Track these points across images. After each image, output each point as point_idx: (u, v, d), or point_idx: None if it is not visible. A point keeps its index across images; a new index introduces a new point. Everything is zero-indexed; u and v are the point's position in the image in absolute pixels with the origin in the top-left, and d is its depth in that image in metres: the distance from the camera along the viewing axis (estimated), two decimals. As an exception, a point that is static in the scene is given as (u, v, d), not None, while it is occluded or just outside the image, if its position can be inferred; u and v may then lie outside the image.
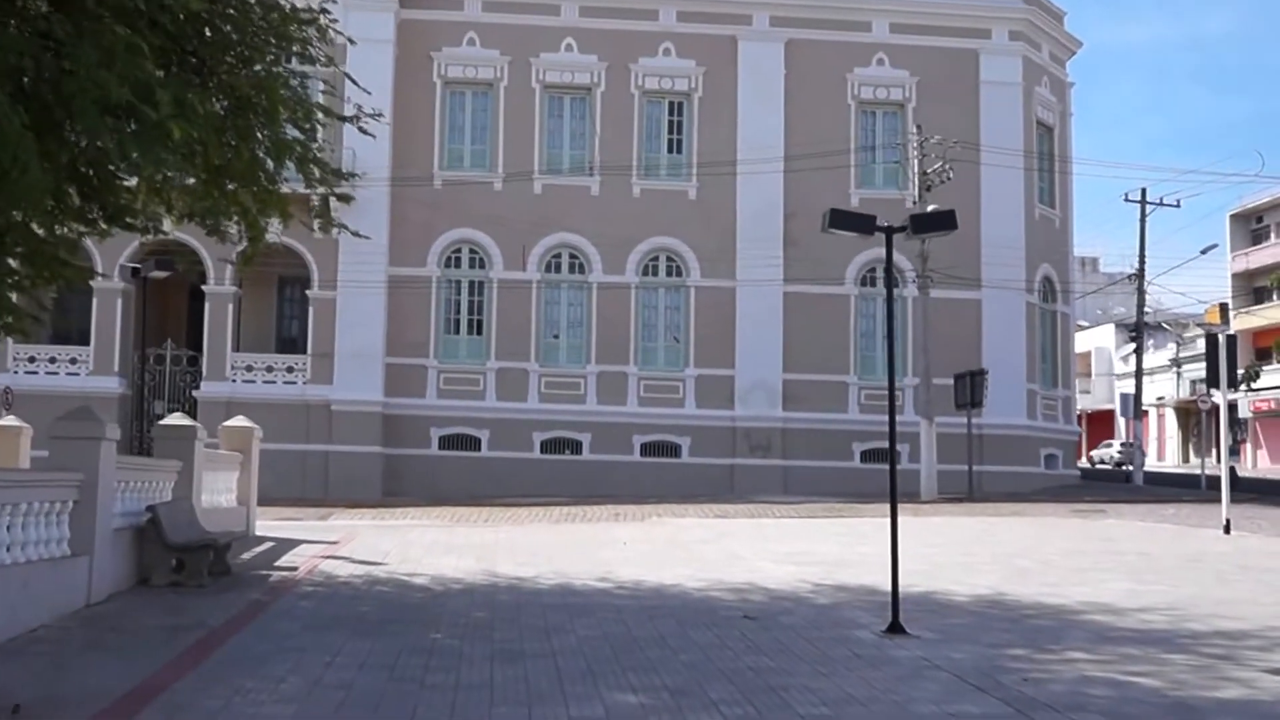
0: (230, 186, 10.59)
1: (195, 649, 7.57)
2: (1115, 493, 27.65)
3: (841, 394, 27.68)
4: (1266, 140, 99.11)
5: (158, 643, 7.79)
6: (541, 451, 26.96)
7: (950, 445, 25.59)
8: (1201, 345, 55.93)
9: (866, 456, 27.40)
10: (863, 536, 16.32)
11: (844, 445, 27.37)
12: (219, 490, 13.80)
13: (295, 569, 11.73)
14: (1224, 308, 58.30)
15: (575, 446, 27.07)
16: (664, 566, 12.42)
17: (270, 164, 10.15)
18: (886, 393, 27.66)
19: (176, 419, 12.57)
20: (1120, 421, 58.86)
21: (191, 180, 10.24)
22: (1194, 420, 55.68)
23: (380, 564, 12.31)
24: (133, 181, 10.67)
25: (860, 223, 8.81)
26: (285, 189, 11.95)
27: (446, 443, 26.93)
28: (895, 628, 8.38)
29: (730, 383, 27.37)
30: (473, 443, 26.95)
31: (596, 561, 12.85)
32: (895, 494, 9.14)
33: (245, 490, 14.80)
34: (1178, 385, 56.41)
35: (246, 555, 12.81)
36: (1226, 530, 16.62)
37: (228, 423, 15.68)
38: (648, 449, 27.15)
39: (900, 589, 10.41)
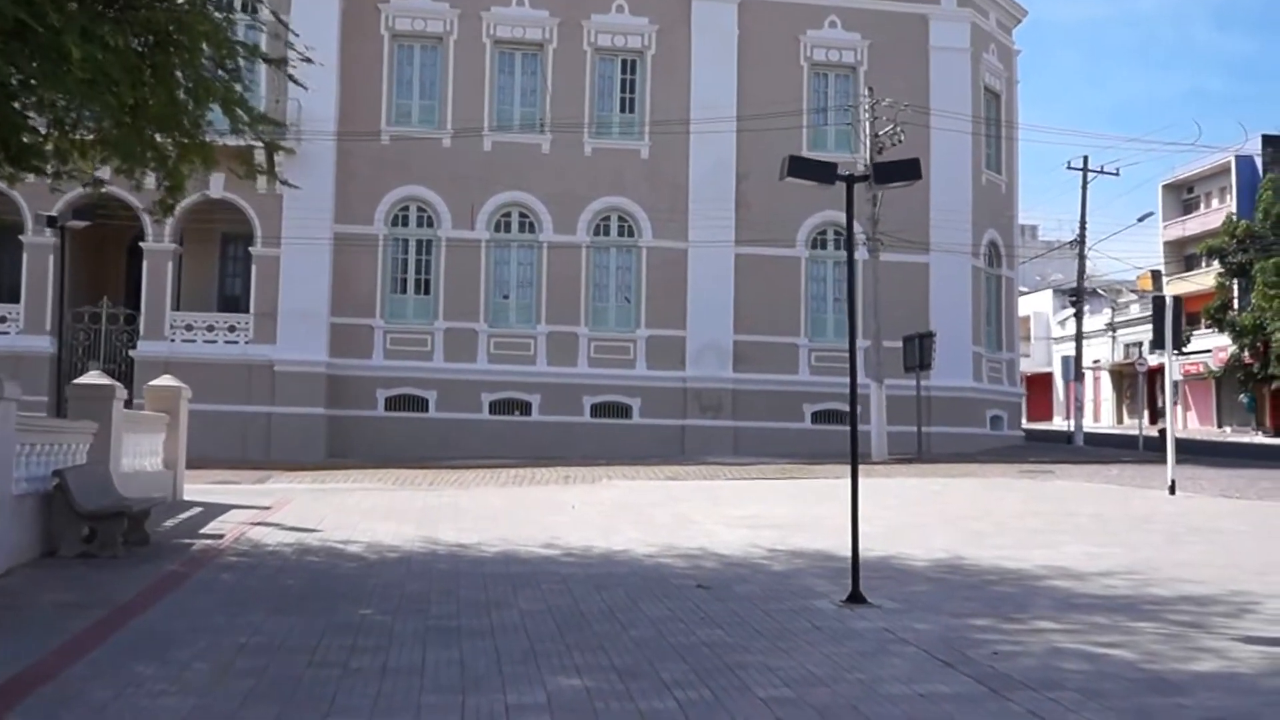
0: (150, 131, 9.85)
1: (94, 629, 6.97)
2: (1058, 453, 27.87)
3: (792, 356, 27.45)
4: (1198, 116, 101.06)
5: (53, 622, 7.17)
6: (490, 413, 26.41)
7: (898, 407, 25.54)
8: (1135, 310, 57.33)
9: (817, 417, 27.31)
10: (817, 498, 16.10)
11: (795, 406, 27.19)
12: (142, 454, 13.11)
13: (221, 537, 11.12)
14: (1156, 274, 59.46)
15: (525, 408, 26.56)
16: (613, 531, 12.03)
17: (191, 106, 9.40)
18: (837, 354, 27.83)
19: (92, 377, 11.81)
20: (1059, 384, 59.78)
21: (105, 123, 9.48)
22: (1128, 383, 56.76)
23: (313, 531, 11.74)
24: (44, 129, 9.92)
25: (820, 171, 8.35)
26: (225, 141, 11.23)
27: (393, 404, 26.26)
28: (856, 597, 8.06)
29: (681, 344, 26.99)
30: (420, 404, 26.31)
31: (543, 527, 12.40)
32: (856, 458, 8.80)
33: (172, 453, 14.11)
34: (1112, 349, 57.36)
35: (170, 523, 12.16)
36: (1172, 491, 16.65)
37: (154, 382, 14.93)
38: (598, 410, 26.72)
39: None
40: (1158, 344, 17.11)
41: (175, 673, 5.96)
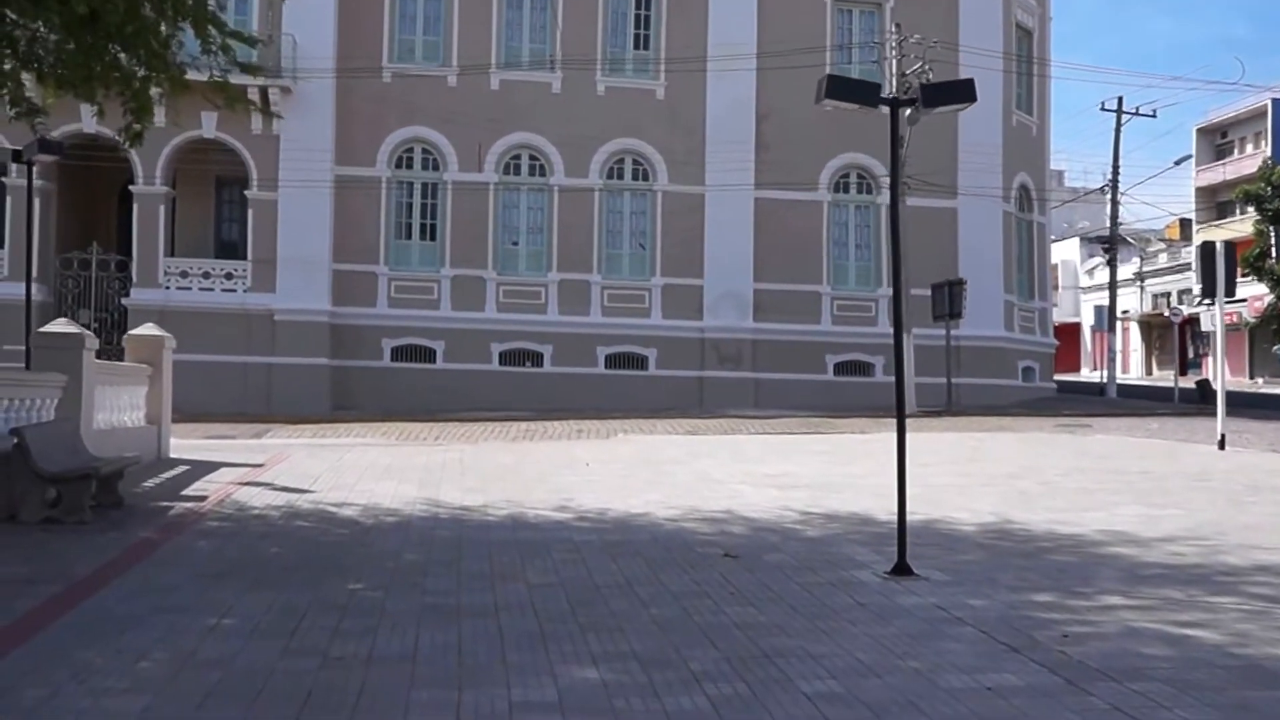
0: (113, 49, 8.87)
1: (42, 609, 6.14)
2: (1092, 406, 26.93)
3: (814, 304, 26.48)
4: (1226, 62, 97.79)
5: None
6: (500, 364, 25.57)
7: (926, 358, 24.61)
8: (1164, 260, 55.84)
9: (840, 369, 26.43)
10: (847, 455, 15.28)
11: (817, 357, 26.29)
12: (122, 408, 12.29)
13: (204, 499, 10.27)
14: (1185, 223, 57.76)
15: (536, 359, 25.71)
16: (631, 492, 11.17)
17: (155, 20, 8.41)
18: (860, 303, 26.81)
19: (59, 325, 10.85)
20: (1086, 334, 58.56)
21: (56, 38, 8.49)
22: (1157, 333, 55.54)
23: (306, 492, 10.89)
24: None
25: (862, 92, 7.38)
26: (201, 73, 10.26)
27: (399, 354, 25.44)
28: (901, 568, 7.20)
29: (699, 292, 26.02)
30: (427, 354, 25.49)
31: (555, 487, 11.54)
32: (903, 414, 7.84)
33: (156, 407, 13.27)
34: (1141, 299, 56.05)
35: (150, 483, 11.35)
36: (1221, 446, 15.75)
37: (134, 330, 14.04)
38: (612, 361, 25.84)
39: (896, 516, 9.36)
40: (1208, 293, 16.05)
41: (128, 664, 5.14)
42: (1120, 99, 34.00)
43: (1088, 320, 57.30)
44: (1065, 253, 61.98)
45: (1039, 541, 8.51)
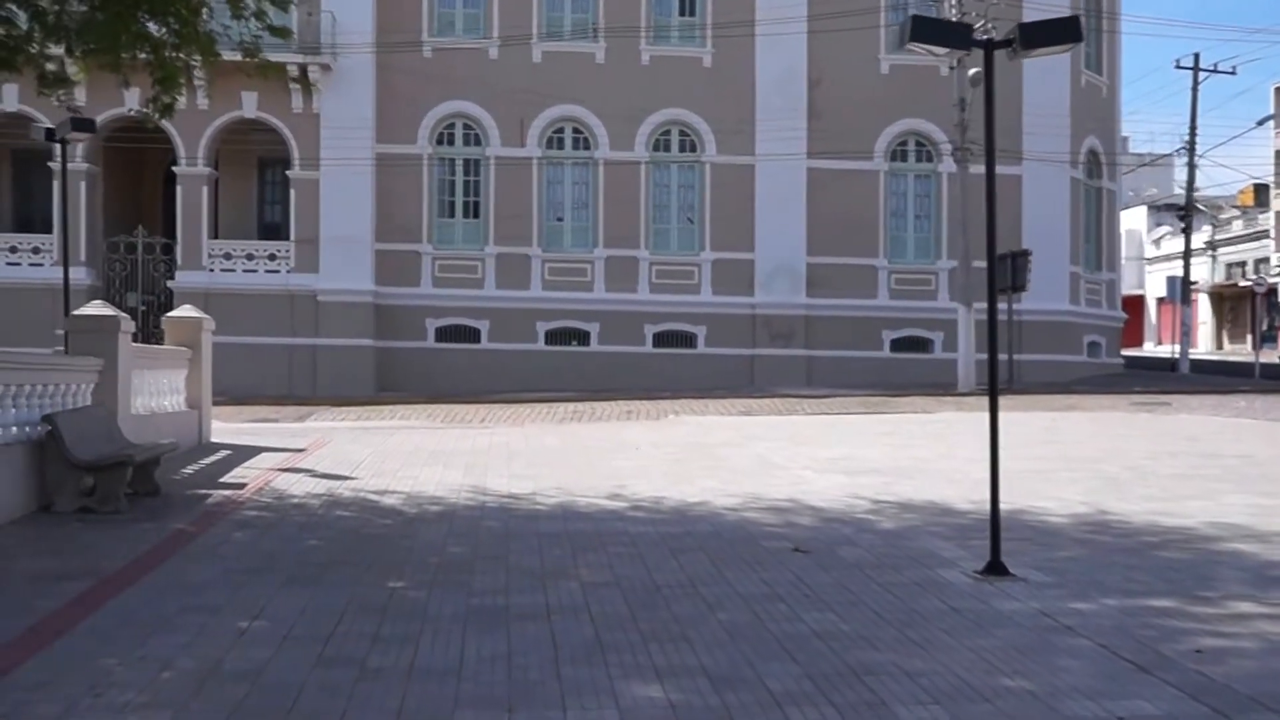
0: (142, 18, 8.36)
1: (67, 610, 5.67)
2: (1166, 383, 25.66)
3: (870, 278, 25.54)
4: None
5: (21, 599, 5.90)
6: (546, 343, 25.02)
7: (984, 332, 23.55)
8: (1239, 227, 53.62)
9: (897, 345, 25.52)
10: (912, 437, 14.50)
11: (873, 333, 25.39)
12: (161, 392, 11.89)
13: (243, 487, 9.80)
14: (1260, 188, 55.33)
15: (582, 337, 25.11)
16: (687, 478, 10.52)
17: None
18: (918, 276, 25.76)
19: (95, 308, 10.40)
20: (1150, 307, 56.68)
21: (85, 6, 8.01)
22: (1229, 305, 53.46)
23: (348, 479, 10.38)
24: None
25: (951, 35, 6.59)
26: (240, 42, 9.74)
27: (443, 334, 24.99)
28: (995, 567, 6.48)
29: (750, 267, 25.21)
30: (472, 334, 25.01)
31: (607, 473, 10.92)
32: (995, 393, 7.06)
33: (196, 391, 12.85)
34: (1212, 269, 53.99)
35: (189, 469, 10.92)
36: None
37: (172, 313, 13.60)
38: (661, 339, 25.17)
39: (977, 505, 8.62)
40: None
41: (150, 674, 4.66)
42: (1196, 56, 32.38)
43: (1152, 292, 55.42)
44: (1129, 222, 59.92)
45: (1142, 535, 7.73)
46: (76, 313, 10.39)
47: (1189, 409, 18.82)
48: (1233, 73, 33.12)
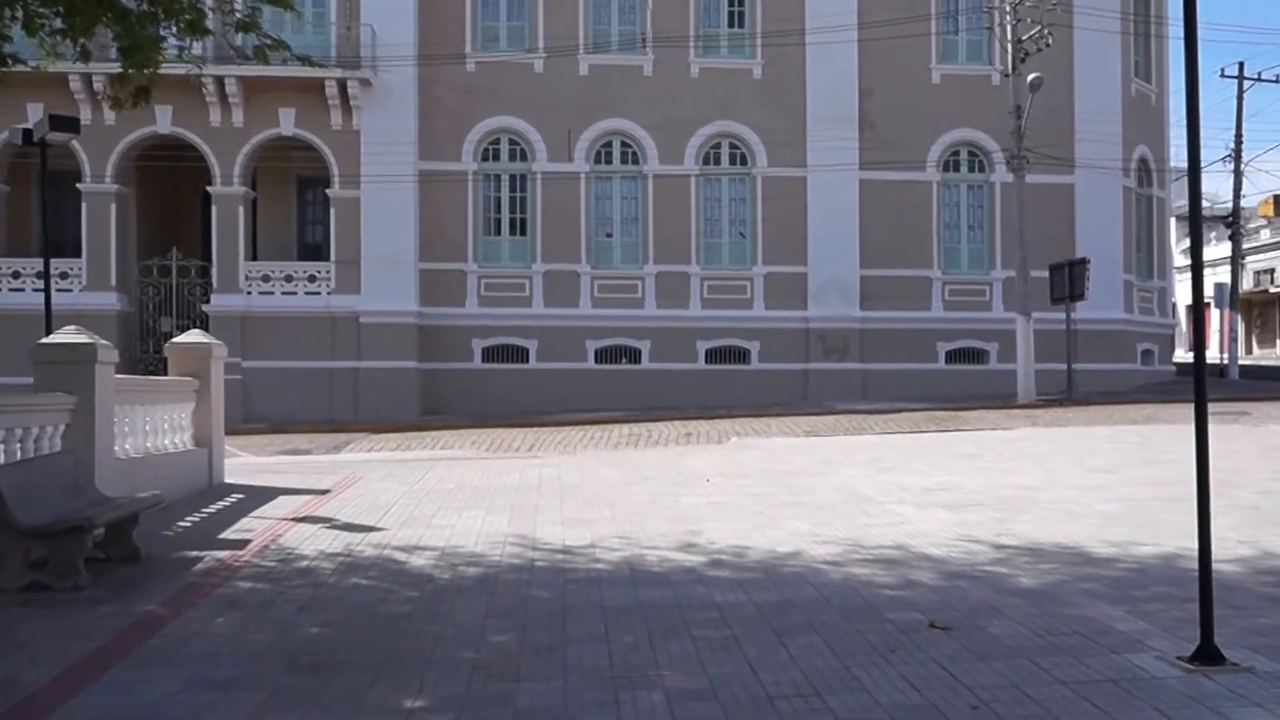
0: None
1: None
2: (1224, 390, 25.07)
3: (924, 290, 24.99)
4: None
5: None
6: (596, 361, 24.41)
7: (1040, 342, 23.02)
8: (1266, 236, 53.17)
9: (952, 357, 24.96)
10: (1000, 458, 13.74)
11: (927, 346, 24.83)
12: (160, 430, 10.59)
13: (243, 546, 8.43)
14: (1278, 199, 55.02)
15: (633, 355, 24.51)
16: (769, 519, 9.30)
17: None
18: (973, 288, 25.18)
19: (66, 334, 8.77)
20: (1180, 313, 56.20)
21: None
22: (1257, 312, 53.07)
23: (371, 530, 9.08)
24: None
25: None
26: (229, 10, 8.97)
27: (490, 355, 24.39)
28: (1208, 654, 5.07)
29: (802, 280, 24.65)
30: (520, 354, 24.41)
31: (675, 514, 9.64)
32: (1204, 416, 6.12)
33: (205, 426, 11.49)
34: (1241, 276, 53.65)
35: (187, 521, 9.56)
36: None
37: (177, 339, 12.25)
38: (713, 355, 24.58)
39: (1119, 550, 7.58)
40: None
41: None
42: (1241, 64, 32.12)
43: (1183, 300, 55.00)
44: (1163, 229, 59.62)
45: (1360, 583, 6.91)
46: (43, 341, 8.80)
47: (1272, 418, 18.16)
48: (1276, 80, 32.69)
